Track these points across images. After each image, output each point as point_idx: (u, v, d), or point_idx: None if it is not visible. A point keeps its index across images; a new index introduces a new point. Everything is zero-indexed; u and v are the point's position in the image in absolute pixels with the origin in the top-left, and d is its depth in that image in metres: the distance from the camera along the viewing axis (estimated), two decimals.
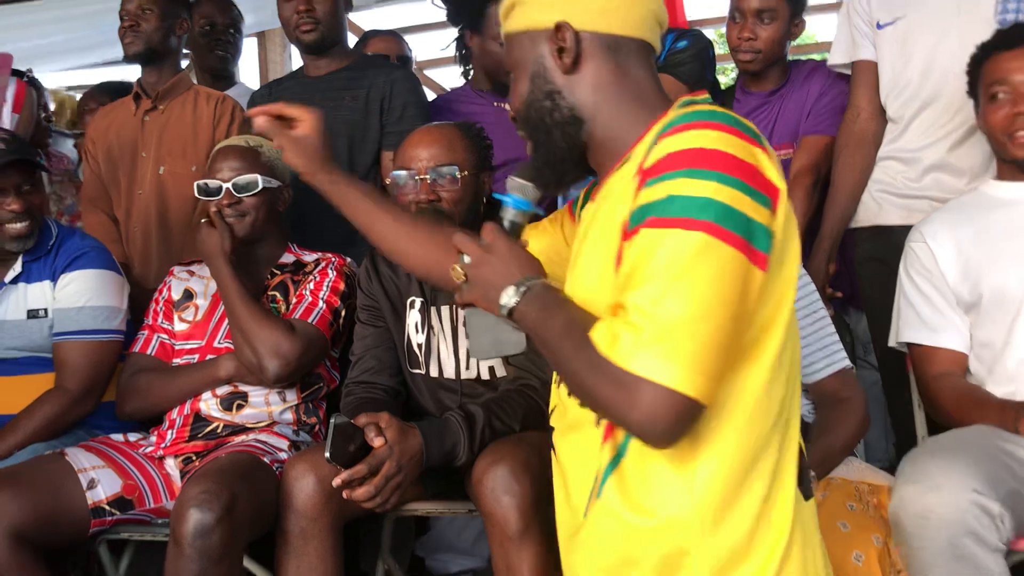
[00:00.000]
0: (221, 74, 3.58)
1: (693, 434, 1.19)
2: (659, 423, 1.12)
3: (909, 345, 2.16)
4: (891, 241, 2.38)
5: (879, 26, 2.56)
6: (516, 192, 1.41)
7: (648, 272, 1.14)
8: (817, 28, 8.52)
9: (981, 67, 2.09)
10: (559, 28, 1.32)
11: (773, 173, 1.19)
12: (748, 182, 1.15)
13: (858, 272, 2.67)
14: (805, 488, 1.28)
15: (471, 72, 3.19)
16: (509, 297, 1.30)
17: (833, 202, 2.64)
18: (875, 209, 2.58)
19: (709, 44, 2.87)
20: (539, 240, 1.54)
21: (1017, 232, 2.05)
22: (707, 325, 1.11)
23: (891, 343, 2.23)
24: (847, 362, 2.06)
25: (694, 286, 1.11)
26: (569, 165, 1.39)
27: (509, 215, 1.40)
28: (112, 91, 3.57)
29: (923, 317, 2.12)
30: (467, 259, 1.36)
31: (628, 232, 1.18)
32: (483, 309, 1.35)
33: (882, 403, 2.70)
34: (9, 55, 2.80)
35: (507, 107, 3.02)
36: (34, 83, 3.57)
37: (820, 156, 2.72)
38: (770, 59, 2.77)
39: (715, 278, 1.12)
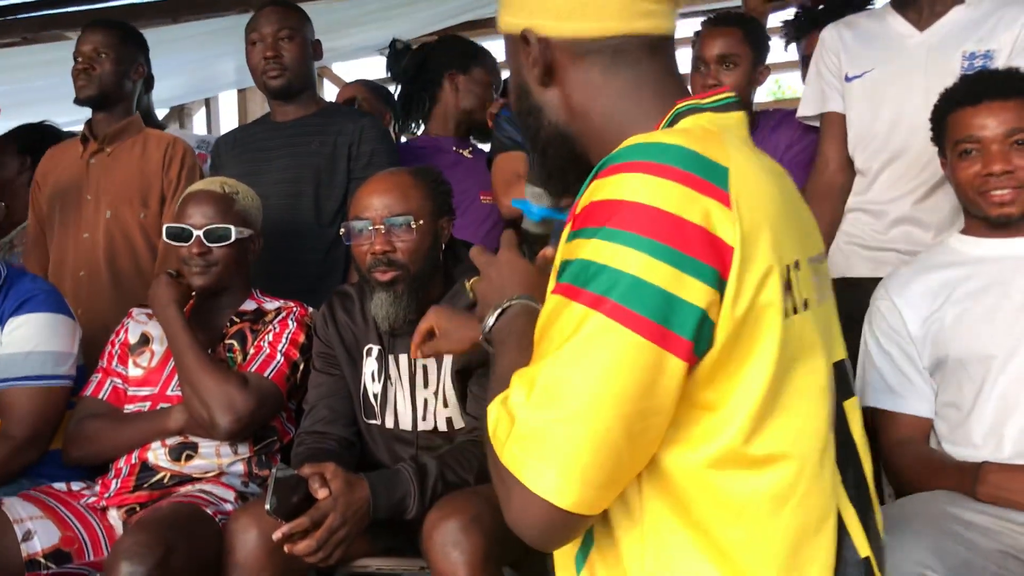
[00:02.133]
0: None
1: (634, 525, 1.02)
2: (530, 529, 0.97)
3: (872, 409, 2.10)
4: (859, 294, 2.34)
5: (848, 79, 2.56)
6: (531, 199, 1.35)
7: (541, 348, 0.99)
8: (796, 83, 8.61)
9: (946, 119, 2.06)
10: (524, 37, 1.13)
11: (728, 230, 0.94)
12: (680, 248, 0.92)
13: None
14: None
15: (422, 123, 3.27)
16: (489, 318, 1.21)
17: None
18: (843, 261, 2.55)
19: None
20: None
21: (985, 292, 1.99)
22: (591, 425, 0.92)
23: None
24: None
25: (581, 376, 0.93)
26: (572, 176, 1.19)
27: (525, 224, 1.37)
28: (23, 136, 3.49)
29: (888, 381, 2.06)
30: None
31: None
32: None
33: None
34: None
35: (465, 153, 3.08)
36: None
37: None
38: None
39: (609, 369, 0.92)
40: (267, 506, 1.71)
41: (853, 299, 2.42)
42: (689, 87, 2.73)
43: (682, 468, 0.99)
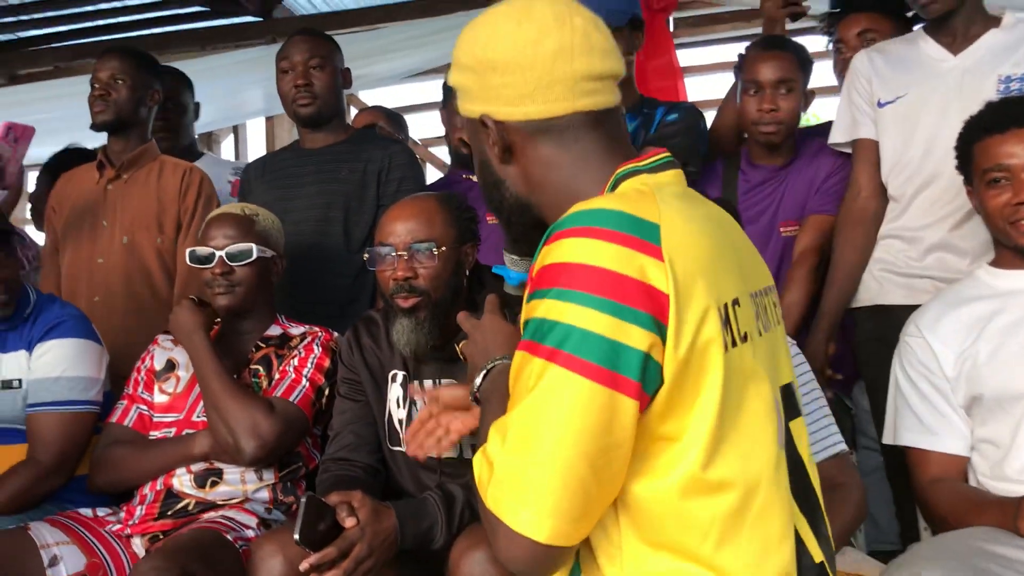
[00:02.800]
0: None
1: (614, 550, 1.13)
2: (515, 564, 1.08)
3: (906, 447, 2.04)
4: (892, 321, 2.31)
5: (880, 104, 2.53)
6: (509, 265, 1.42)
7: (512, 400, 1.12)
8: (821, 109, 8.50)
9: (973, 146, 2.02)
10: (482, 122, 1.26)
11: (662, 280, 1.05)
12: (620, 300, 1.04)
13: (858, 353, 2.59)
14: None
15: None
16: (476, 379, 1.32)
17: (832, 281, 2.58)
18: (876, 288, 2.52)
19: (701, 117, 2.83)
20: None
21: (1018, 326, 1.94)
22: (558, 464, 1.04)
23: (886, 441, 2.11)
24: (843, 446, 1.97)
25: (544, 422, 1.05)
26: (535, 239, 1.28)
27: (506, 288, 1.43)
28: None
29: (922, 419, 1.99)
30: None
31: None
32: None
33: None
34: (32, 128, 2.84)
35: (474, 179, 3.10)
36: None
37: (825, 236, 2.66)
38: (791, 130, 2.73)
39: (568, 413, 1.04)
40: (295, 535, 1.69)
41: (886, 326, 2.40)
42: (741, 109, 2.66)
43: (652, 496, 1.10)
